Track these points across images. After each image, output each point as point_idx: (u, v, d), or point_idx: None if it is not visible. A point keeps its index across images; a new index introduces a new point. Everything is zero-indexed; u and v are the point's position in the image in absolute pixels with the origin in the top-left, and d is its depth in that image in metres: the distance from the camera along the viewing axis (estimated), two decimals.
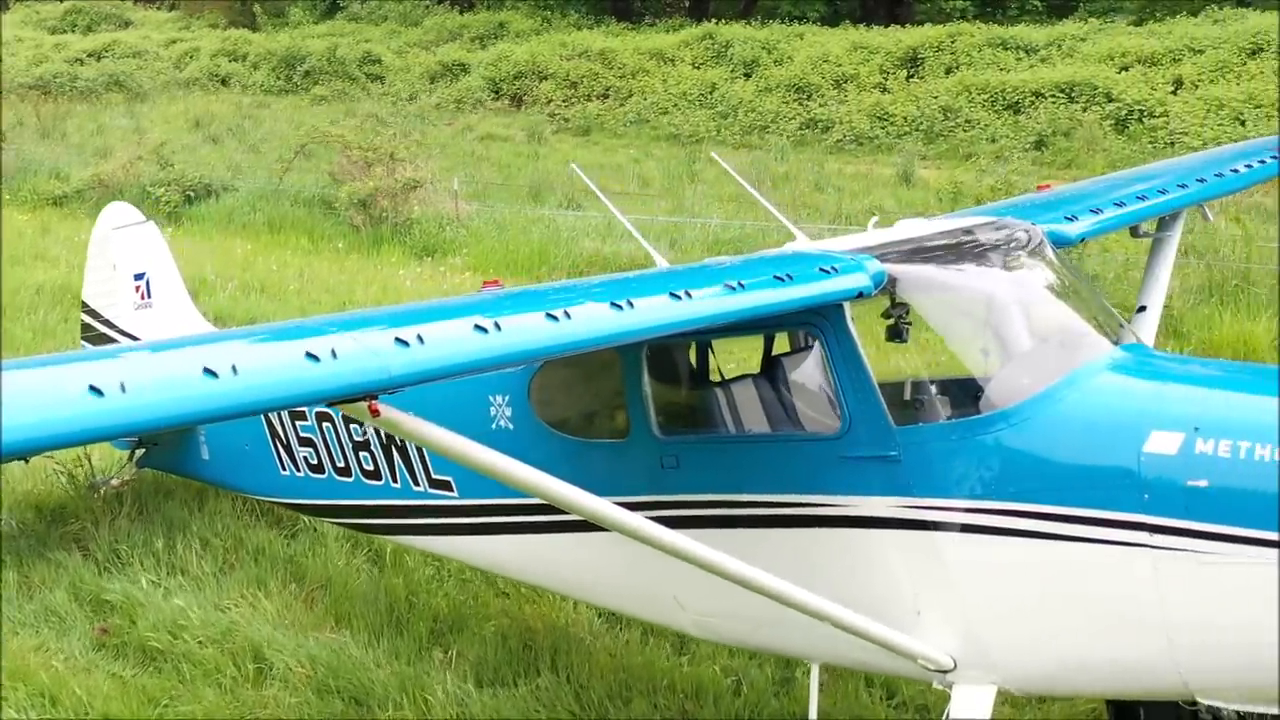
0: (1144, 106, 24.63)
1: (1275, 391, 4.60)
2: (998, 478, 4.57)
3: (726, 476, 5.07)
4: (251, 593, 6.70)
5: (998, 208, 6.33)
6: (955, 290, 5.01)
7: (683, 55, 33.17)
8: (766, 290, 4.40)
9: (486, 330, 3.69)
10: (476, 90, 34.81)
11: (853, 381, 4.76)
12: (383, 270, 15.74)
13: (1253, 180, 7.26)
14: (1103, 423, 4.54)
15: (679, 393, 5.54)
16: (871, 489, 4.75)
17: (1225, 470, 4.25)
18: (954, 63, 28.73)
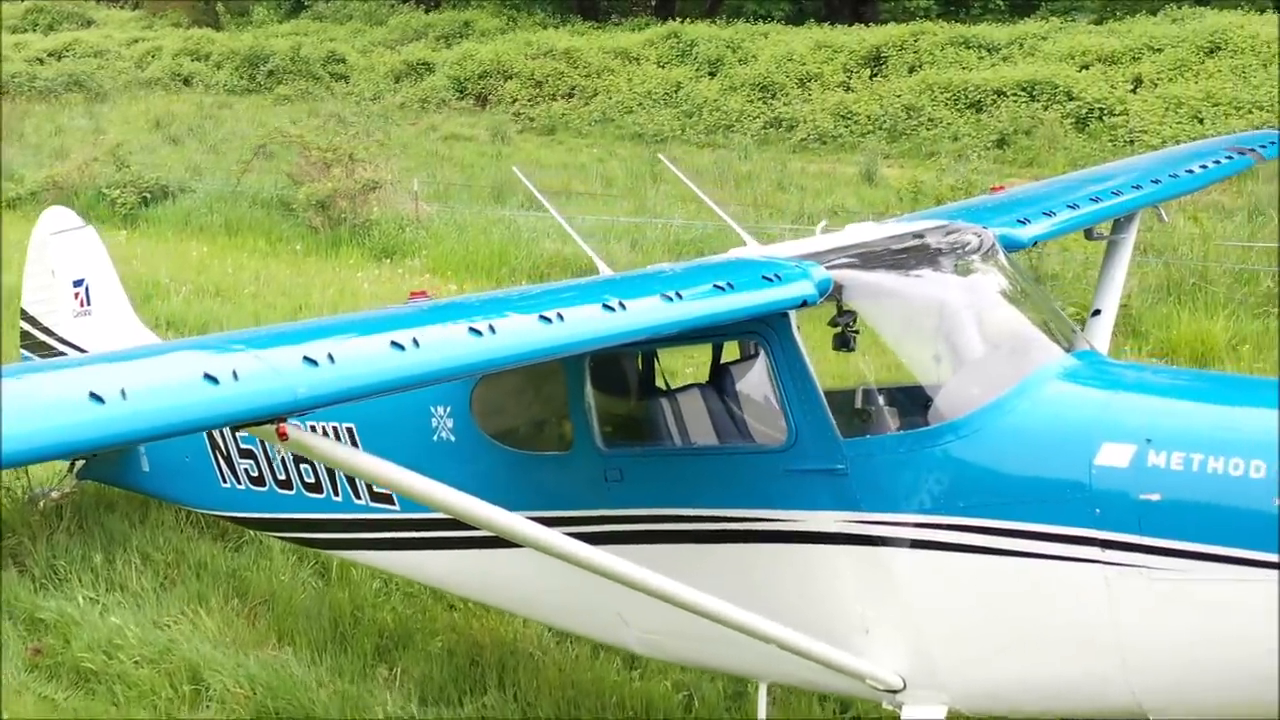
0: (1104, 105, 24.75)
1: (1229, 400, 4.56)
2: (947, 491, 4.46)
3: (671, 490, 4.95)
4: (192, 609, 6.54)
5: (950, 210, 6.22)
6: (903, 297, 4.91)
7: (647, 54, 33.09)
8: (706, 300, 4.24)
9: (404, 347, 3.48)
10: (441, 90, 34.63)
11: (798, 392, 4.63)
12: (341, 272, 15.55)
13: (1208, 180, 7.19)
14: (1053, 434, 4.43)
15: (623, 404, 5.41)
16: (818, 503, 4.63)
17: (1178, 484, 4.13)
18: (917, 61, 28.78)
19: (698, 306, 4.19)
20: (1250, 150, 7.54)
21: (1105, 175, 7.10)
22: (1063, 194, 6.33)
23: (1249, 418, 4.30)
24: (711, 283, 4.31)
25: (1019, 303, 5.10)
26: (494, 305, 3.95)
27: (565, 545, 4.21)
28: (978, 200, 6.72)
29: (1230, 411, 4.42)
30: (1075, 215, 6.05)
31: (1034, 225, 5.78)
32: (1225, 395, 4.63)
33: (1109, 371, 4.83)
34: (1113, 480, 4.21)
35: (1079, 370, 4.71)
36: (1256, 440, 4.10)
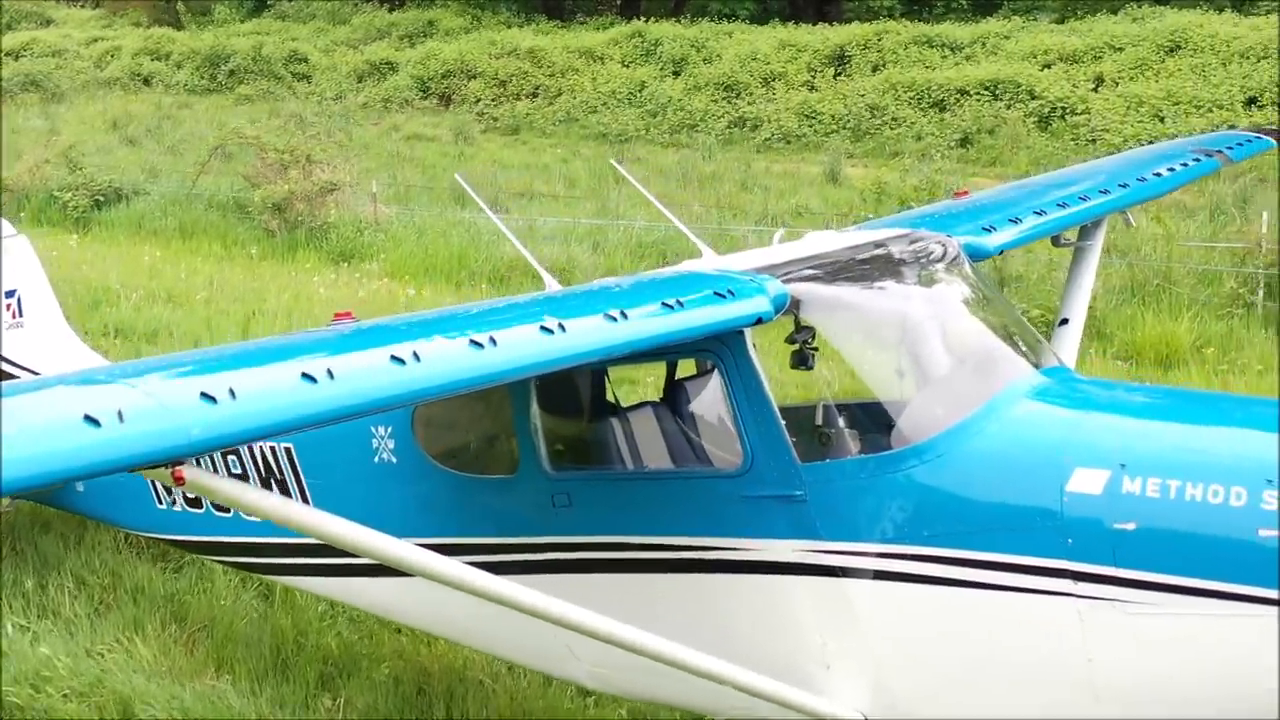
0: (1066, 104, 24.81)
1: (1208, 421, 4.35)
2: (911, 519, 4.22)
3: (621, 516, 4.71)
4: (127, 636, 6.28)
5: (913, 217, 5.98)
6: (864, 311, 4.67)
7: (612, 54, 32.93)
8: (653, 320, 3.97)
9: (316, 379, 3.15)
10: (404, 89, 34.37)
11: (754, 414, 4.39)
12: (297, 277, 15.27)
13: (1176, 184, 7.03)
14: (1022, 458, 4.19)
15: (572, 424, 5.16)
16: (776, 531, 4.40)
17: (1155, 512, 3.90)
18: (881, 61, 28.75)
19: (644, 327, 3.93)
20: (1217, 152, 7.40)
21: (1071, 179, 6.90)
22: (1029, 199, 6.11)
23: (1229, 440, 4.12)
24: (660, 300, 4.04)
25: (985, 316, 4.89)
26: (421, 328, 3.64)
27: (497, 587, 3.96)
28: (942, 206, 6.49)
29: (1209, 434, 4.20)
30: (1042, 222, 5.83)
31: (1000, 233, 5.54)
32: (1204, 415, 4.39)
33: (1080, 390, 4.60)
34: (1085, 508, 3.99)
35: (1049, 389, 4.48)
36: (1237, 465, 3.90)
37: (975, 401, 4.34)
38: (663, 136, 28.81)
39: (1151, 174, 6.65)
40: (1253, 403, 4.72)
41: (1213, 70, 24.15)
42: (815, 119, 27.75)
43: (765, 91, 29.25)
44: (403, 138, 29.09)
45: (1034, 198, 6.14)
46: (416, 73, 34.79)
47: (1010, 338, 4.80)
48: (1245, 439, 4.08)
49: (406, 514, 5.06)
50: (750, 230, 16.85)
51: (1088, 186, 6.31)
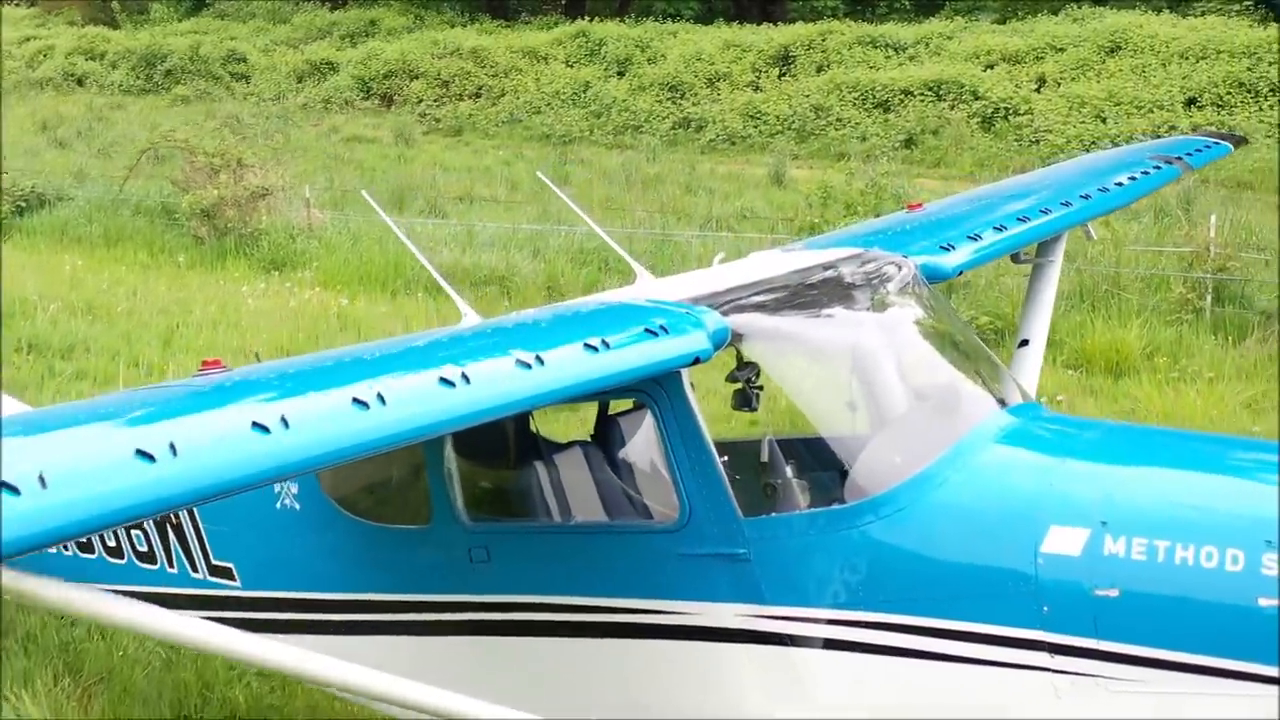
0: (1009, 104, 24.78)
1: (1198, 468, 3.91)
2: (866, 582, 3.80)
3: (545, 574, 4.27)
4: (15, 693, 5.80)
5: (865, 233, 5.56)
6: (813, 345, 4.26)
7: (556, 53, 32.56)
8: (573, 365, 3.51)
9: (154, 458, 2.62)
10: (345, 90, 33.78)
11: (693, 463, 3.95)
12: (225, 286, 14.74)
13: (1138, 194, 6.71)
14: (991, 514, 3.76)
15: (490, 470, 4.71)
16: (716, 594, 3.96)
17: (1140, 577, 3.49)
18: (825, 61, 28.61)
19: (562, 373, 3.46)
20: (1176, 159, 7.12)
21: (1029, 190, 6.51)
22: (987, 213, 5.69)
23: (1224, 493, 3.72)
24: (582, 340, 3.57)
25: (946, 347, 4.49)
26: (296, 381, 3.17)
27: None
28: (895, 220, 6.05)
29: (1201, 485, 3.78)
30: (1003, 238, 5.40)
31: (959, 251, 5.09)
32: (1194, 462, 3.97)
33: (1055, 432, 4.18)
34: (1063, 572, 3.57)
35: (1019, 430, 4.04)
36: (1233, 524, 3.51)
37: (937, 447, 3.91)
38: (607, 138, 28.47)
39: (1113, 183, 6.32)
40: (1249, 446, 4.33)
41: (1153, 71, 24.20)
42: (760, 120, 27.54)
43: (710, 92, 29.01)
44: (342, 139, 28.53)
45: (992, 211, 5.74)
46: (358, 73, 34.23)
47: (974, 371, 4.40)
48: (1242, 491, 3.71)
49: (311, 566, 4.65)
50: (694, 235, 16.53)
51: (1047, 199, 5.94)
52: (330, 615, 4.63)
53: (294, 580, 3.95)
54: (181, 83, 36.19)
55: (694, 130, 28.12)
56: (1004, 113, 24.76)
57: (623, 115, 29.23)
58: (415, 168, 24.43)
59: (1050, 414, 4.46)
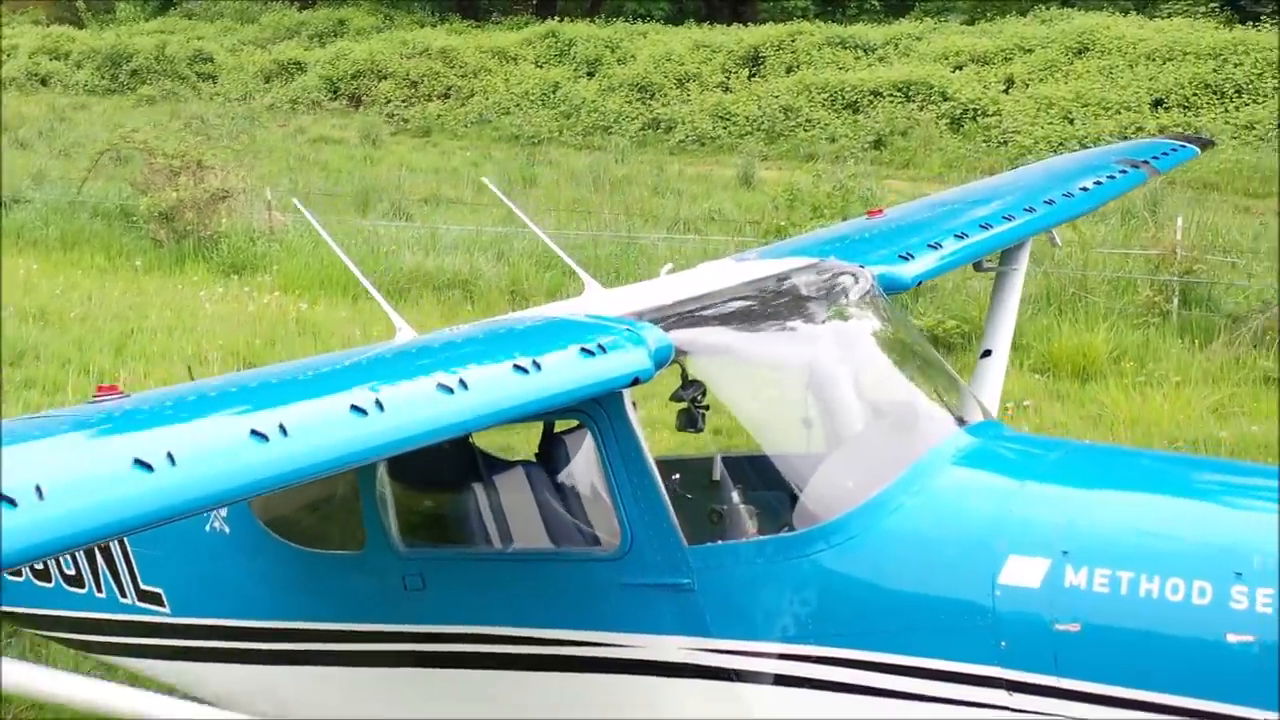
0: (978, 105, 24.78)
1: (1167, 491, 3.72)
2: (817, 615, 3.61)
3: (481, 603, 4.05)
4: None
5: (822, 241, 5.38)
6: (763, 362, 4.08)
7: (525, 54, 32.36)
8: (500, 389, 3.27)
9: (15, 503, 2.34)
10: (313, 90, 33.47)
11: (634, 488, 3.74)
12: (183, 291, 14.49)
13: (1104, 198, 6.57)
14: (947, 542, 3.58)
15: (426, 492, 4.50)
16: (660, 626, 3.77)
17: (1103, 611, 3.31)
18: (794, 62, 28.54)
19: (488, 398, 3.22)
20: (1143, 163, 6.99)
21: (992, 195, 6.31)
22: (948, 220, 5.52)
23: (1193, 519, 3.54)
24: (511, 361, 3.33)
25: (904, 362, 4.31)
26: (194, 407, 2.94)
27: None
28: (853, 227, 5.88)
29: (1169, 510, 3.61)
30: (964, 246, 5.22)
31: (918, 260, 4.91)
32: (1162, 485, 3.78)
33: (1015, 453, 3.99)
34: (1021, 604, 3.39)
35: (979, 451, 3.86)
36: (1201, 553, 3.34)
37: (893, 470, 3.72)
38: (576, 139, 28.29)
39: (1078, 188, 6.18)
40: (1220, 468, 4.17)
41: (1120, 72, 24.25)
42: (729, 121, 27.44)
43: (680, 93, 28.89)
44: (308, 140, 28.25)
45: (953, 217, 5.55)
46: (326, 73, 33.93)
47: (932, 388, 4.21)
48: (1211, 517, 3.53)
49: (242, 592, 4.45)
50: (660, 239, 16.38)
51: (1011, 204, 5.75)
52: (260, 644, 4.44)
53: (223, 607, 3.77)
54: (147, 83, 35.77)
55: (663, 131, 27.99)
56: (972, 114, 24.75)
57: (592, 116, 29.07)
58: (381, 169, 24.20)
59: (1012, 433, 4.29)
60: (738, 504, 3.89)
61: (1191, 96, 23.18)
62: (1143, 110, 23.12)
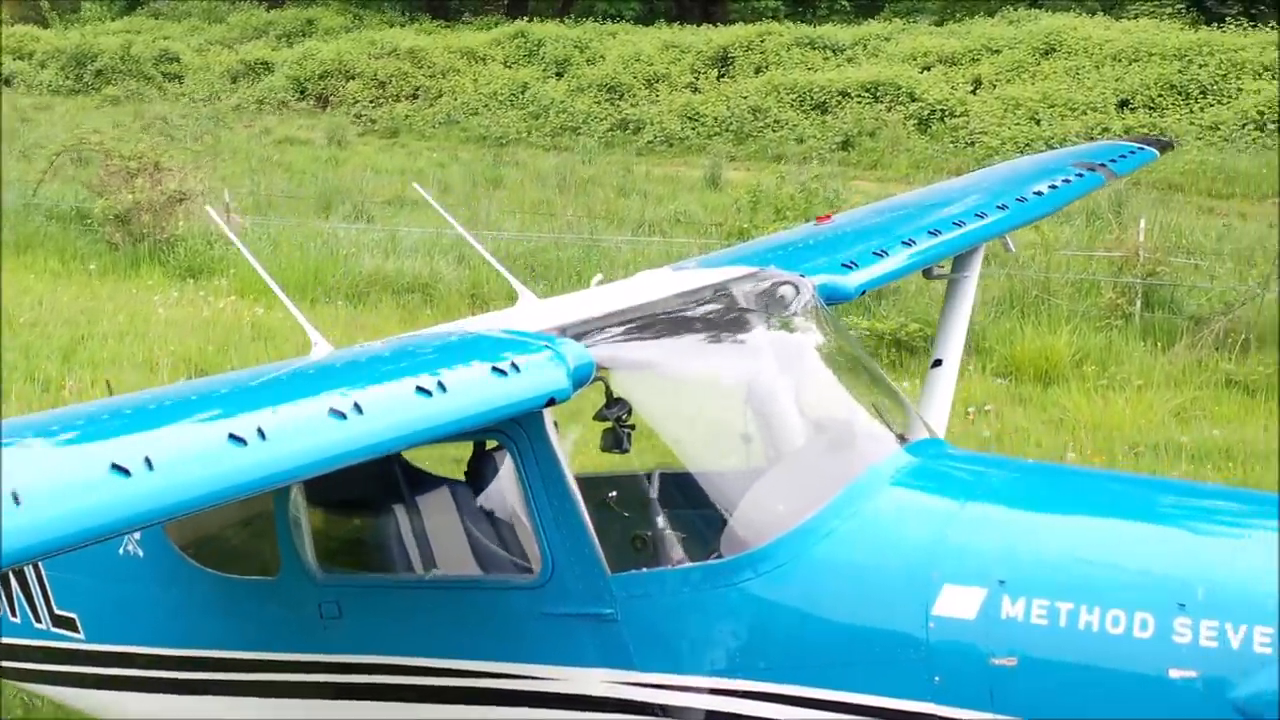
0: (945, 106, 24.76)
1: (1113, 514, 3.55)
2: (745, 647, 3.45)
3: (399, 633, 3.86)
4: None
5: (764, 248, 5.20)
6: (691, 379, 3.89)
7: (494, 54, 32.18)
8: (399, 413, 3.05)
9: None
10: (279, 90, 33.17)
11: (556, 513, 3.57)
12: (138, 295, 14.25)
13: (1060, 203, 6.42)
14: (880, 570, 3.41)
15: (344, 514, 4.32)
16: (582, 658, 3.61)
17: (1041, 644, 3.16)
18: (763, 62, 28.48)
19: (385, 424, 2.99)
20: (1100, 166, 6.86)
21: (944, 200, 6.14)
22: (897, 227, 5.33)
23: (1136, 546, 3.36)
24: (415, 382, 3.11)
25: (843, 377, 4.13)
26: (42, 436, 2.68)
27: None
28: (798, 235, 5.70)
29: (1113, 535, 3.43)
30: (912, 254, 5.02)
31: (863, 270, 4.70)
32: (1107, 508, 3.60)
33: (957, 472, 3.81)
34: (956, 637, 3.24)
35: (919, 471, 3.70)
36: (1143, 582, 3.19)
37: (827, 491, 3.55)
38: (544, 139, 28.12)
39: (1032, 192, 6.04)
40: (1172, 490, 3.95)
41: (1086, 73, 24.28)
42: (698, 121, 27.32)
43: (649, 93, 28.76)
44: (273, 141, 27.97)
45: (903, 224, 5.37)
46: (293, 73, 33.64)
47: (872, 404, 4.03)
48: (1157, 544, 3.35)
49: (156, 618, 4.27)
50: (624, 241, 16.23)
51: (963, 210, 5.62)
52: (175, 673, 4.26)
53: (138, 634, 3.60)
54: (112, 83, 35.37)
55: (631, 132, 27.85)
56: (940, 114, 24.73)
57: (561, 117, 28.92)
58: (346, 170, 23.97)
59: (956, 451, 4.10)
60: (663, 529, 3.65)
61: (1157, 97, 23.22)
62: (1109, 111, 23.14)
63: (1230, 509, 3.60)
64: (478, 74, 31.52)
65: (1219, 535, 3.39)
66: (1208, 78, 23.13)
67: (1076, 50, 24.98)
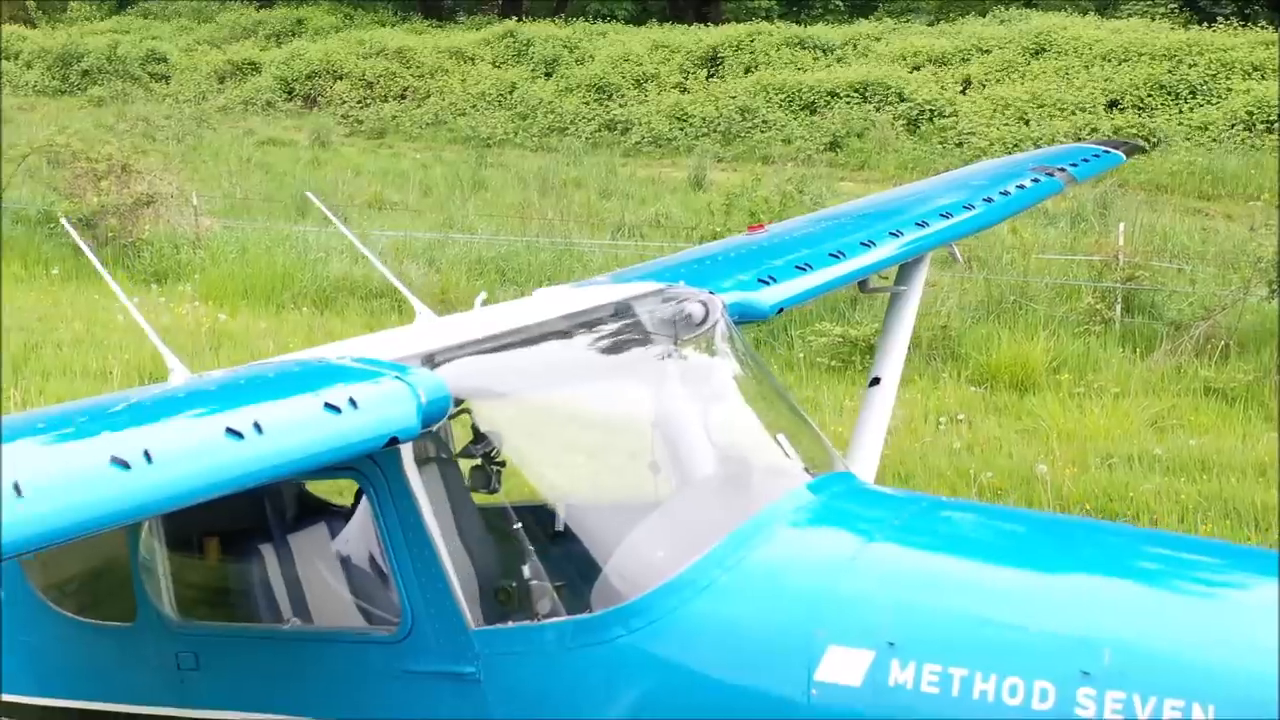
0: (934, 106, 24.48)
1: (1023, 564, 3.22)
2: (614, 715, 3.14)
3: (257, 687, 3.58)
4: None
5: (679, 263, 4.82)
6: (568, 410, 3.57)
7: (483, 54, 31.89)
8: (199, 460, 2.69)
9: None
10: (266, 91, 32.88)
11: (415, 561, 3.26)
12: (99, 301, 13.94)
13: (1008, 211, 6.09)
14: (761, 628, 3.10)
15: (204, 556, 3.95)
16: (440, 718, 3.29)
17: (932, 714, 2.88)
18: (753, 62, 28.21)
19: (176, 475, 2.63)
20: (1059, 170, 6.54)
21: (888, 210, 5.77)
22: (831, 238, 4.98)
23: (1041, 603, 3.04)
24: (226, 423, 2.75)
25: (746, 405, 3.82)
26: None
27: None
28: (723, 246, 5.37)
29: (1017, 589, 3.12)
30: (839, 267, 4.68)
31: (781, 285, 4.37)
32: (1018, 557, 3.28)
33: (860, 514, 3.47)
34: (841, 705, 2.96)
35: (820, 511, 3.38)
36: (1045, 646, 2.89)
37: (712, 537, 3.23)
38: (532, 140, 27.84)
39: (981, 200, 5.74)
40: (1093, 537, 3.53)
41: (1075, 73, 24.02)
42: (686, 122, 27.02)
43: (638, 93, 28.47)
44: (256, 143, 27.69)
45: (838, 235, 5.04)
46: (280, 73, 33.35)
47: (775, 435, 3.69)
48: (1065, 600, 3.02)
49: (10, 663, 3.95)
50: (598, 245, 15.94)
51: (902, 219, 5.29)
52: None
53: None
54: (98, 83, 35.09)
55: (619, 132, 27.56)
56: (929, 114, 24.45)
57: (549, 117, 28.64)
58: (327, 172, 23.68)
59: (864, 488, 3.73)
60: (529, 578, 3.32)
61: (1146, 97, 22.94)
62: (1097, 111, 22.87)
63: (1161, 559, 3.27)
64: (466, 74, 31.26)
65: (1140, 591, 3.07)
66: (1197, 78, 22.85)
67: (1066, 50, 24.73)
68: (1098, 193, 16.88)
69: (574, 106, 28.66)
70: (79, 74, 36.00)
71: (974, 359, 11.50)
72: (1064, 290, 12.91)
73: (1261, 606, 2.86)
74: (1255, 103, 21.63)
